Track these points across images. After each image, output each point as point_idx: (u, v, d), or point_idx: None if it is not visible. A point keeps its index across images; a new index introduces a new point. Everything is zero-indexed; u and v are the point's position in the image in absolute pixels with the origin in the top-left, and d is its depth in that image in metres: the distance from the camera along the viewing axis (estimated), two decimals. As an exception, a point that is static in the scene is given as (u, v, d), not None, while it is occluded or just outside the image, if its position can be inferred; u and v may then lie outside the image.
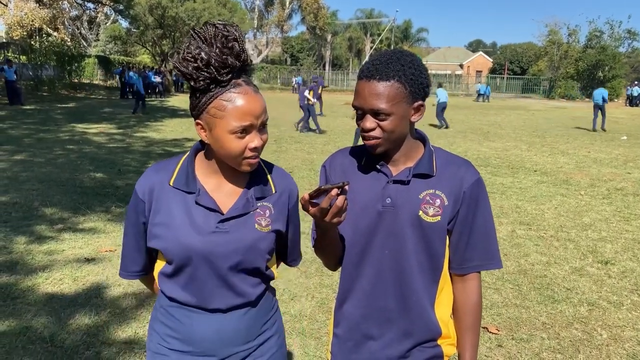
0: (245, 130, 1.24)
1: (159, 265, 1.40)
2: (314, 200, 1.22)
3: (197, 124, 1.29)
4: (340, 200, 1.20)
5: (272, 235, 1.39)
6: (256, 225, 1.35)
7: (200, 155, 1.39)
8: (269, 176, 1.43)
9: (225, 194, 1.36)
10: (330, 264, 1.54)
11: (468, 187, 1.39)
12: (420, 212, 1.37)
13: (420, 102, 1.36)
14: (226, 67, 1.21)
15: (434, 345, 1.46)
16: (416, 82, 1.33)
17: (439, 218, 1.37)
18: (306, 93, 14.97)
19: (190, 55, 1.21)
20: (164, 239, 1.32)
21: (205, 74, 1.21)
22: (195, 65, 1.20)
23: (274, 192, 1.41)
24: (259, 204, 1.37)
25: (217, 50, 1.20)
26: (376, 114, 1.32)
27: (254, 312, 1.41)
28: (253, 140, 1.27)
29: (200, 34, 1.22)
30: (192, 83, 1.23)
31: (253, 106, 1.24)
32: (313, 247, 1.50)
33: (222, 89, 1.23)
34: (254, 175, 1.40)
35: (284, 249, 1.53)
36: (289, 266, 1.62)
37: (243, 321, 1.39)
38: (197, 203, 1.31)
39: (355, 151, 1.52)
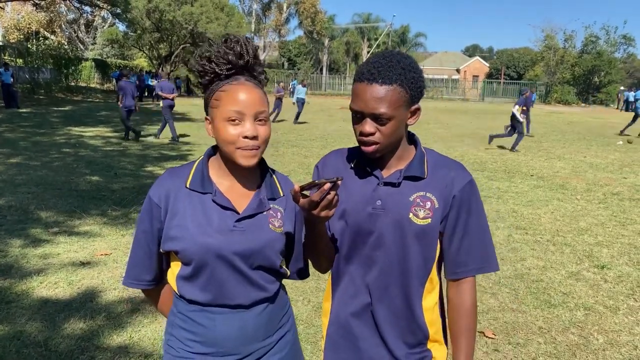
0: (238, 118, 1.31)
1: (175, 268, 1.41)
2: (305, 192, 1.24)
3: (206, 119, 1.40)
4: (331, 194, 1.22)
5: (284, 237, 1.44)
6: (270, 226, 1.40)
7: (213, 159, 1.45)
8: (275, 179, 1.49)
9: (239, 195, 1.41)
10: (321, 265, 1.52)
11: (459, 190, 1.38)
12: (411, 215, 1.36)
13: (416, 106, 1.37)
14: (228, 63, 1.34)
15: (424, 350, 1.46)
16: (415, 86, 1.33)
17: (429, 221, 1.37)
18: (516, 110, 12.86)
19: (200, 55, 1.38)
20: (181, 239, 1.33)
21: (208, 68, 1.35)
22: (202, 62, 1.36)
23: (282, 194, 1.46)
24: (271, 205, 1.43)
25: (220, 50, 1.35)
26: (376, 118, 1.31)
27: (271, 307, 1.45)
28: (246, 128, 1.31)
29: (213, 40, 1.40)
30: (200, 78, 1.38)
31: (246, 95, 1.32)
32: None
33: (221, 82, 1.35)
34: (264, 177, 1.46)
35: (290, 254, 1.54)
36: (294, 277, 1.57)
37: (263, 316, 1.43)
38: (214, 202, 1.36)
39: (348, 153, 1.52)
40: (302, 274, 1.58)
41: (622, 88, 40.59)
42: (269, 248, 1.38)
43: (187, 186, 1.38)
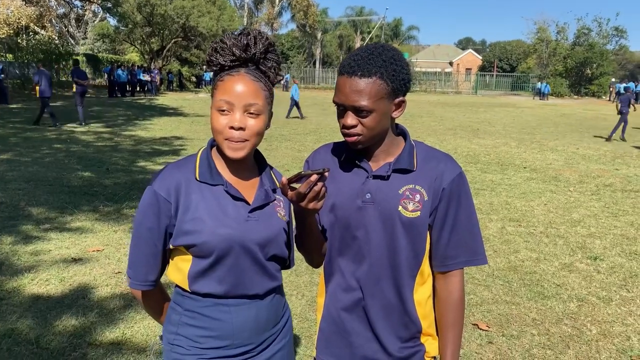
0: (228, 109, 1.30)
1: (183, 265, 1.37)
2: (293, 185, 1.24)
3: (211, 108, 1.38)
4: (318, 185, 1.21)
5: (287, 225, 1.47)
6: (278, 215, 1.43)
7: (215, 149, 1.44)
8: (271, 172, 1.51)
9: (243, 186, 1.41)
10: (313, 260, 1.54)
11: (448, 183, 1.38)
12: (400, 207, 1.36)
13: (401, 98, 1.36)
14: (232, 55, 1.33)
15: (417, 344, 1.45)
16: (398, 79, 1.31)
17: (418, 213, 1.36)
18: None
19: (211, 46, 1.39)
20: (199, 233, 1.32)
21: (214, 59, 1.36)
22: (210, 52, 1.38)
23: (278, 185, 1.47)
24: (275, 196, 1.45)
25: (227, 42, 1.35)
26: (357, 110, 1.31)
27: (278, 296, 1.49)
28: (234, 119, 1.30)
29: (230, 33, 1.41)
30: (208, 68, 1.40)
31: (238, 86, 1.30)
32: (294, 240, 1.52)
33: (224, 72, 1.34)
34: (263, 170, 1.48)
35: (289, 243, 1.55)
36: (289, 267, 1.60)
37: (273, 305, 1.46)
38: (227, 192, 1.36)
39: (337, 147, 1.52)
40: (292, 264, 1.62)
41: (613, 80, 40.80)
42: (280, 236, 1.42)
43: (197, 178, 1.36)
